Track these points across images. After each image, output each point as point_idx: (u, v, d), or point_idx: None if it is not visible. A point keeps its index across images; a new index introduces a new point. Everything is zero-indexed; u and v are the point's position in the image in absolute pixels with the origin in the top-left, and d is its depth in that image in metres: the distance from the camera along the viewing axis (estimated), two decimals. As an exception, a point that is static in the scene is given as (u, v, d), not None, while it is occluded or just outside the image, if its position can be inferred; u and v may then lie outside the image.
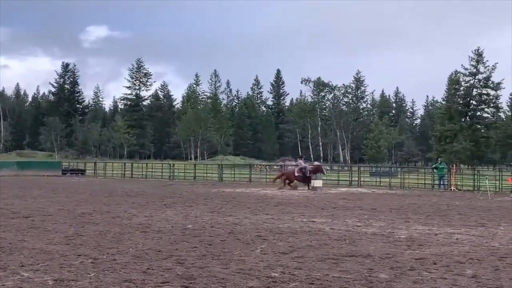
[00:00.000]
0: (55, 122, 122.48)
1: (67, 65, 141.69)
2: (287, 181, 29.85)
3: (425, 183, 34.09)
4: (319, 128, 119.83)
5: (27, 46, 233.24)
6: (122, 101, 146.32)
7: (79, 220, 13.75)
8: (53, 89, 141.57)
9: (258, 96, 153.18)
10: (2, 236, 10.83)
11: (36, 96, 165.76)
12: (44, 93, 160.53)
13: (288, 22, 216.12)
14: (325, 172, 32.95)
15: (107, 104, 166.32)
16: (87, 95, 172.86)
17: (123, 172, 48.17)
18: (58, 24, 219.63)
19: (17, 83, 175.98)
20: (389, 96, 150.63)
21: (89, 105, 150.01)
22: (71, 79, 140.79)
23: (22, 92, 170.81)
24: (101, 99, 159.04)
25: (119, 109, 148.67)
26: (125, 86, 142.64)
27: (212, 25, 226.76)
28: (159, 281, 7.13)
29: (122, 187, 30.39)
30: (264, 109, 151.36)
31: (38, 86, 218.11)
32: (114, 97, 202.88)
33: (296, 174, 29.92)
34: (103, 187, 29.74)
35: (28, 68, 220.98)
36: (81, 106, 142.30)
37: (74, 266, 7.97)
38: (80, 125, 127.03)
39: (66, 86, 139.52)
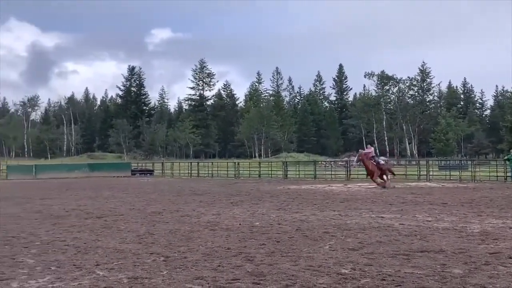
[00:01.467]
0: (123, 124, 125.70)
1: (133, 68, 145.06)
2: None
3: (497, 176, 33.01)
4: (384, 122, 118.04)
5: (94, 51, 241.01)
6: (186, 102, 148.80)
7: (149, 219, 14.06)
8: (120, 92, 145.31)
9: (321, 92, 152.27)
10: (77, 236, 11.20)
11: (104, 99, 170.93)
12: (112, 96, 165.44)
13: (349, 16, 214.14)
14: (394, 173, 29.52)
15: (172, 105, 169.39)
16: (153, 97, 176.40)
17: (189, 171, 48.93)
18: (123, 28, 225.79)
19: (86, 88, 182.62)
20: (456, 87, 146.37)
21: (155, 107, 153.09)
22: (137, 81, 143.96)
23: (91, 96, 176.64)
24: (166, 101, 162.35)
25: (183, 110, 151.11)
26: (189, 87, 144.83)
27: (273, 23, 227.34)
28: (230, 278, 7.20)
29: (189, 186, 30.87)
30: (327, 104, 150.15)
31: (106, 89, 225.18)
32: (178, 98, 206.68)
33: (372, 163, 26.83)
34: (171, 187, 30.30)
35: (96, 73, 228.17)
36: (147, 108, 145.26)
37: (147, 264, 8.15)
38: (147, 126, 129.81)
39: (132, 88, 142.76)
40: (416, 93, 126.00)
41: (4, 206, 18.58)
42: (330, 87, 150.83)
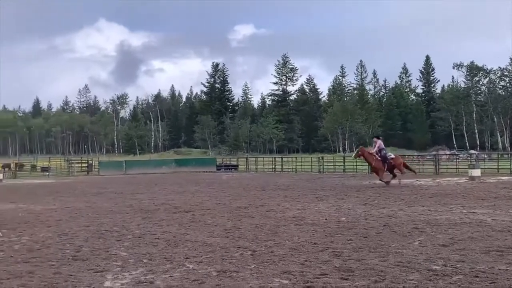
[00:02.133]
0: (207, 120, 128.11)
1: (217, 65, 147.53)
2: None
3: None
4: (474, 115, 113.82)
5: (179, 49, 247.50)
6: (269, 97, 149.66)
7: (236, 214, 14.22)
8: (204, 89, 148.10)
9: (407, 84, 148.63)
10: (166, 230, 11.49)
11: (189, 96, 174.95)
12: (196, 93, 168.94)
13: (435, 6, 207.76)
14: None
15: (255, 101, 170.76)
16: (236, 93, 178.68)
17: (273, 166, 49.15)
18: (207, 26, 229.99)
19: (172, 85, 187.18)
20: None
21: (239, 103, 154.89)
22: (221, 78, 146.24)
23: (176, 93, 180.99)
24: (249, 96, 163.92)
25: (267, 105, 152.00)
26: (272, 82, 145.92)
27: (355, 16, 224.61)
28: (317, 273, 7.17)
29: (273, 181, 31.01)
30: (414, 97, 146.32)
31: (191, 86, 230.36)
32: (261, 93, 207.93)
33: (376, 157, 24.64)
34: (255, 182, 30.54)
35: (181, 70, 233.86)
36: (231, 104, 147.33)
37: (235, 258, 8.25)
38: (230, 122, 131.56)
39: (216, 85, 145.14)
40: (508, 84, 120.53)
41: (98, 201, 19.36)
42: (417, 79, 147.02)
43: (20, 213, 15.44)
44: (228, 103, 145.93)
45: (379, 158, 24.51)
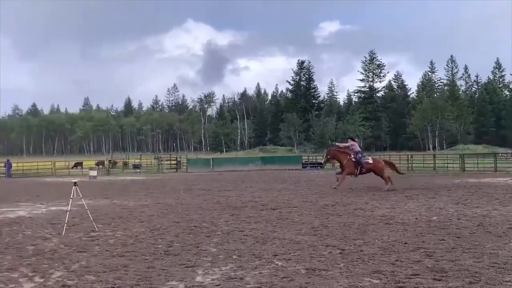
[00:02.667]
0: (293, 118, 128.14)
1: (302, 62, 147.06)
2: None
3: None
4: None
5: (264, 47, 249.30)
6: (356, 94, 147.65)
7: (323, 212, 14.15)
8: (290, 87, 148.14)
9: (500, 80, 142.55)
10: (254, 227, 11.59)
11: (275, 94, 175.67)
12: (282, 91, 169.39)
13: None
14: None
15: (341, 98, 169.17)
16: (322, 90, 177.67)
17: (360, 164, 48.40)
18: (292, 23, 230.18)
19: (257, 83, 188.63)
20: None
21: (324, 100, 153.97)
22: (306, 75, 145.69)
23: (262, 91, 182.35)
24: (335, 93, 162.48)
25: (353, 102, 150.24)
26: (358, 79, 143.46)
27: (445, 10, 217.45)
28: (409, 273, 7.01)
29: (361, 179, 30.53)
30: (508, 93, 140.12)
31: (276, 84, 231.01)
32: (348, 90, 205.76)
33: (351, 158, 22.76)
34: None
35: (267, 68, 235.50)
36: (316, 101, 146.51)
37: (323, 256, 8.21)
38: (316, 119, 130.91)
39: (302, 83, 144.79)
40: None
41: (187, 197, 19.81)
42: (511, 74, 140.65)
43: (116, 208, 16.06)
44: (313, 101, 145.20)
45: (353, 159, 22.64)
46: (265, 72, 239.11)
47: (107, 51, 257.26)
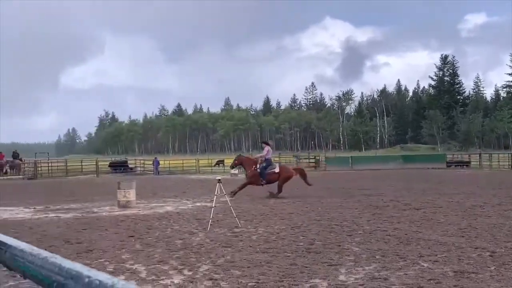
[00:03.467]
0: (436, 115, 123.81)
1: (446, 57, 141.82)
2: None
3: None
4: None
5: (405, 42, 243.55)
6: (504, 89, 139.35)
7: (470, 213, 13.51)
8: (432, 82, 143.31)
9: None
10: (397, 227, 11.32)
11: (416, 90, 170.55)
12: (424, 87, 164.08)
13: None
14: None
15: (489, 93, 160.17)
16: (467, 85, 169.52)
17: (509, 163, 45.61)
18: (435, 16, 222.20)
19: (398, 79, 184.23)
20: None
21: (470, 96, 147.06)
22: (450, 70, 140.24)
23: (402, 88, 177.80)
24: (481, 89, 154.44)
25: (501, 98, 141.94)
26: (506, 73, 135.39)
27: None
28: None
29: (510, 179, 28.80)
30: None
31: (418, 80, 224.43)
32: (495, 85, 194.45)
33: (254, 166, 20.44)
34: (489, 179, 28.68)
35: (407, 64, 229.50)
36: (461, 97, 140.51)
37: (472, 259, 7.83)
38: (461, 116, 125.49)
39: (445, 78, 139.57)
40: None
41: (326, 196, 19.78)
42: None
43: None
44: (458, 97, 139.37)
45: (257, 170, 20.17)
46: (406, 68, 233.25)
47: (247, 51, 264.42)
